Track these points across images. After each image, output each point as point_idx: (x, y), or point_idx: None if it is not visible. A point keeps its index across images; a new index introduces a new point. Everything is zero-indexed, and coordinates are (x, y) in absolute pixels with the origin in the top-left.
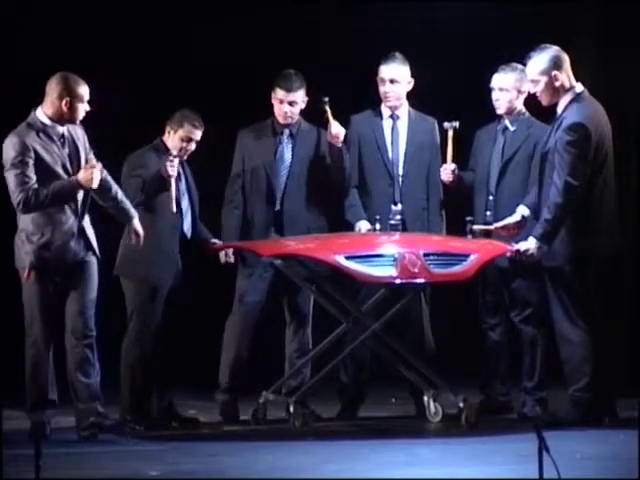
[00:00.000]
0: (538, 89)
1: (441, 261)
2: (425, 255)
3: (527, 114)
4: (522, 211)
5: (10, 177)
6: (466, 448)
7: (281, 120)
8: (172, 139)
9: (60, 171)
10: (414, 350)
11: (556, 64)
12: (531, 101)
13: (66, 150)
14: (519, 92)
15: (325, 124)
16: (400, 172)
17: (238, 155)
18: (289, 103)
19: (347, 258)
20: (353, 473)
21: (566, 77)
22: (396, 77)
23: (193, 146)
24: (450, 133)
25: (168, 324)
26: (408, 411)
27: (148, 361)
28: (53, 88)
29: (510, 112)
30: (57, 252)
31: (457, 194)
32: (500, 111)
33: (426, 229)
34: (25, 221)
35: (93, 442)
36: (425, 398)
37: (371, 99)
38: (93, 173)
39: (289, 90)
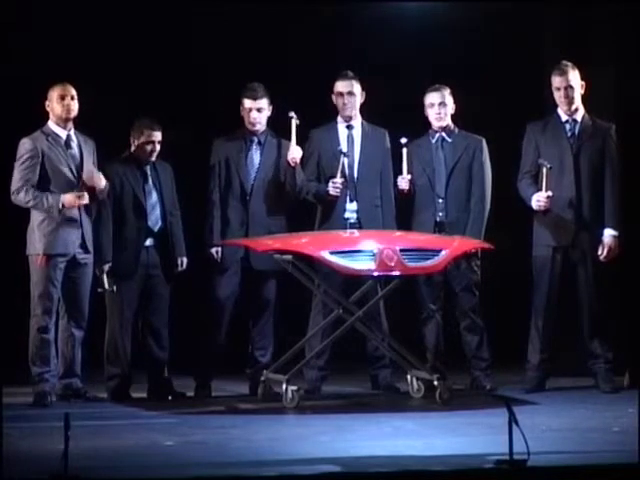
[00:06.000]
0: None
1: (415, 256)
2: (401, 250)
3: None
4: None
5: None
6: (444, 421)
7: (250, 127)
8: (137, 147)
9: (65, 171)
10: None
11: None
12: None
13: (71, 152)
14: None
15: (289, 137)
16: (355, 175)
17: (214, 161)
18: (257, 110)
19: (332, 253)
20: (344, 443)
21: None
22: (353, 90)
23: (157, 147)
24: (405, 148)
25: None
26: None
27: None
28: None
29: (447, 125)
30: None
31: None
32: (443, 124)
33: (379, 225)
34: None
35: (115, 415)
36: (408, 377)
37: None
38: (81, 199)
39: (255, 98)
